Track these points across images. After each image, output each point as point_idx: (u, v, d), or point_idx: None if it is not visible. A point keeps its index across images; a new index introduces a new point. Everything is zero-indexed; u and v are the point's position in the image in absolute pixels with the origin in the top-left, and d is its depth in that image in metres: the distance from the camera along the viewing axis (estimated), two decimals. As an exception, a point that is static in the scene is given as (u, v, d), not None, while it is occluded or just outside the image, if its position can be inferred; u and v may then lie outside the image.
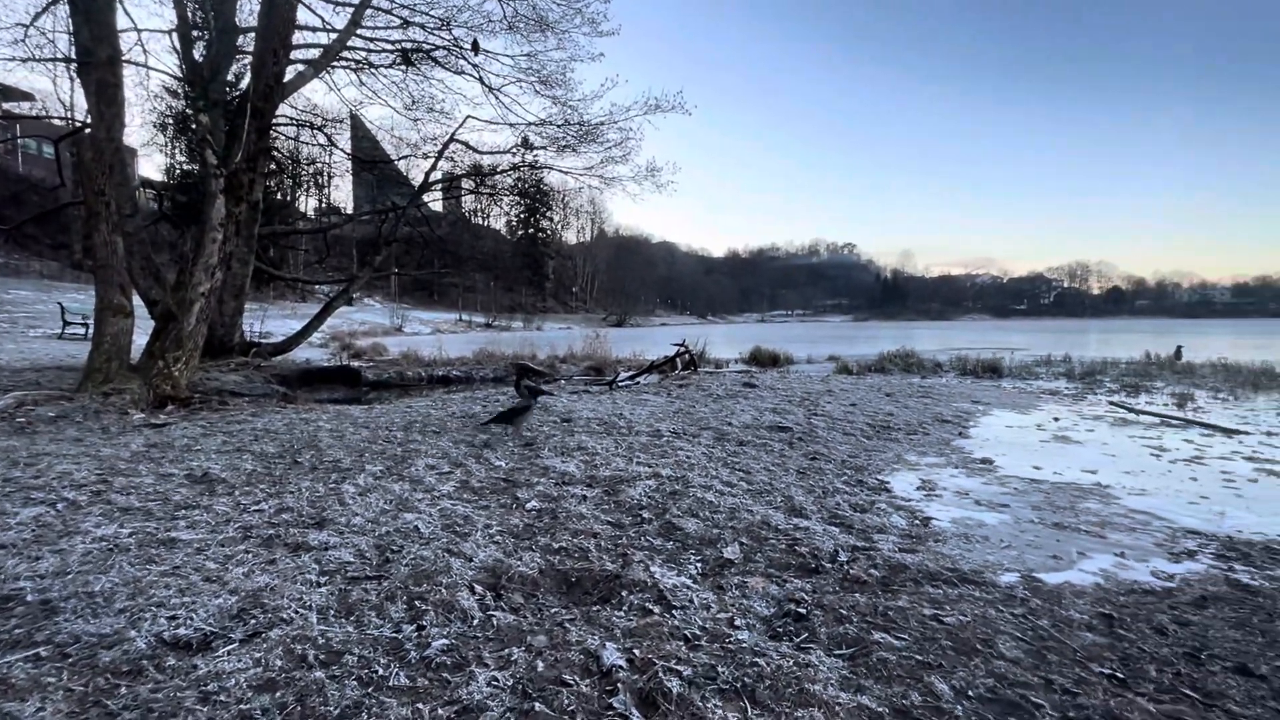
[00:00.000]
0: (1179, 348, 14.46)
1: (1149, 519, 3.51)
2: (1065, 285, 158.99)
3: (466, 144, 14.82)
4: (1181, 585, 2.63)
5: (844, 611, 2.36)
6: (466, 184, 18.85)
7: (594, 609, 2.38)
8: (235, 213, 7.85)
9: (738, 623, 2.28)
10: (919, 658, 2.03)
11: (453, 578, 2.55)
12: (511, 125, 14.40)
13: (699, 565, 2.81)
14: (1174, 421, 6.67)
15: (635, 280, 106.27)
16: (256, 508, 3.44)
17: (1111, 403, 8.03)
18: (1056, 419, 6.95)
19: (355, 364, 13.32)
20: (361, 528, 3.16)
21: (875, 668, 1.97)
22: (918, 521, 3.47)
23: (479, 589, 2.49)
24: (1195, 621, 2.31)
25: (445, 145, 14.24)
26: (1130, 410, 7.34)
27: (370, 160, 17.35)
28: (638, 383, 10.30)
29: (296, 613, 2.25)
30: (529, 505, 3.57)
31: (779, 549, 2.99)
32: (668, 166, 15.11)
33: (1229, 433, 6.05)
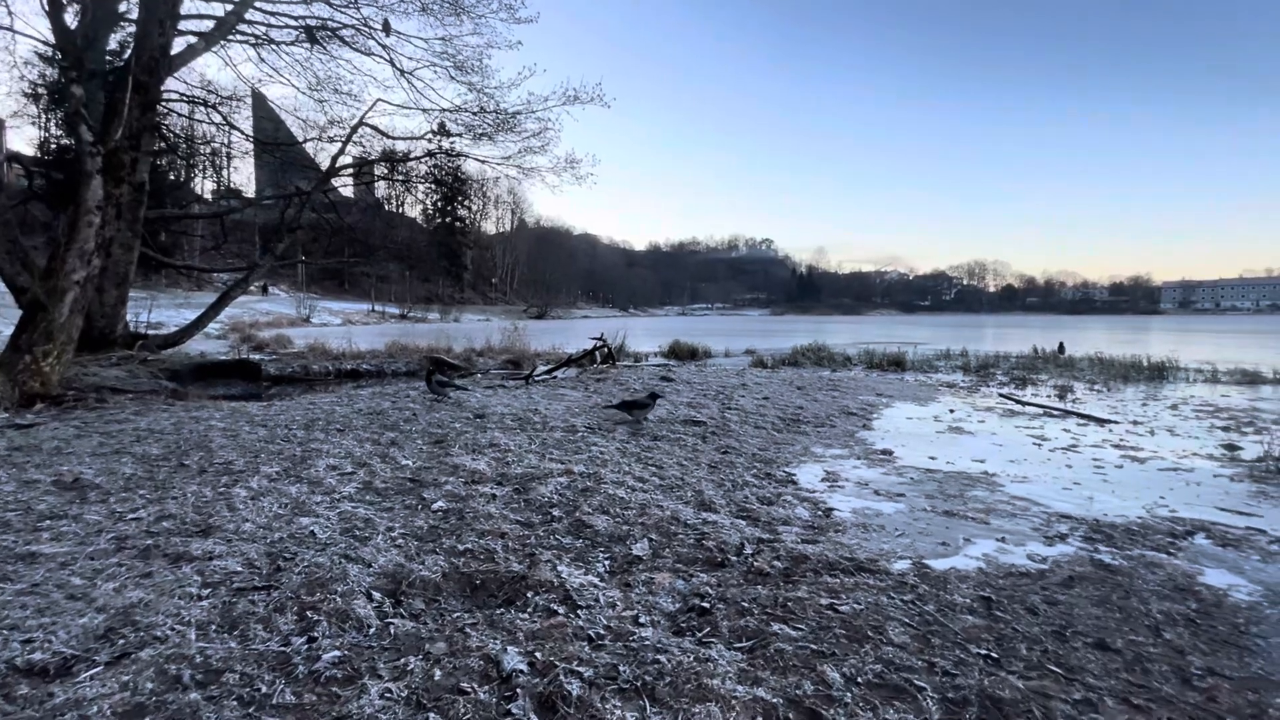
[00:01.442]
0: (1061, 343, 15.61)
1: (1028, 505, 3.77)
2: (965, 283, 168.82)
3: (377, 128, 14.25)
4: (1053, 567, 2.84)
5: (746, 604, 2.41)
6: (378, 170, 18.15)
7: (498, 612, 2.34)
8: (115, 194, 7.25)
9: (642, 620, 2.30)
10: (814, 647, 2.10)
11: (349, 585, 2.45)
12: (425, 111, 13.95)
13: (607, 563, 2.81)
14: (1055, 412, 7.20)
15: (557, 272, 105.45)
16: (134, 516, 3.20)
17: (1001, 394, 8.58)
18: (952, 410, 7.36)
19: (256, 357, 12.59)
20: (252, 534, 2.98)
21: (772, 659, 2.03)
22: (820, 512, 3.59)
23: (377, 596, 2.40)
24: (1063, 601, 2.50)
25: (354, 129, 13.63)
26: (1018, 402, 7.87)
27: (273, 143, 16.40)
28: (555, 377, 10.22)
29: (173, 630, 2.11)
30: (435, 506, 3.47)
31: (687, 544, 3.03)
32: (587, 158, 15.01)
33: (1101, 422, 6.59)
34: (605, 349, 12.35)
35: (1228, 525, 3.42)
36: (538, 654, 2.02)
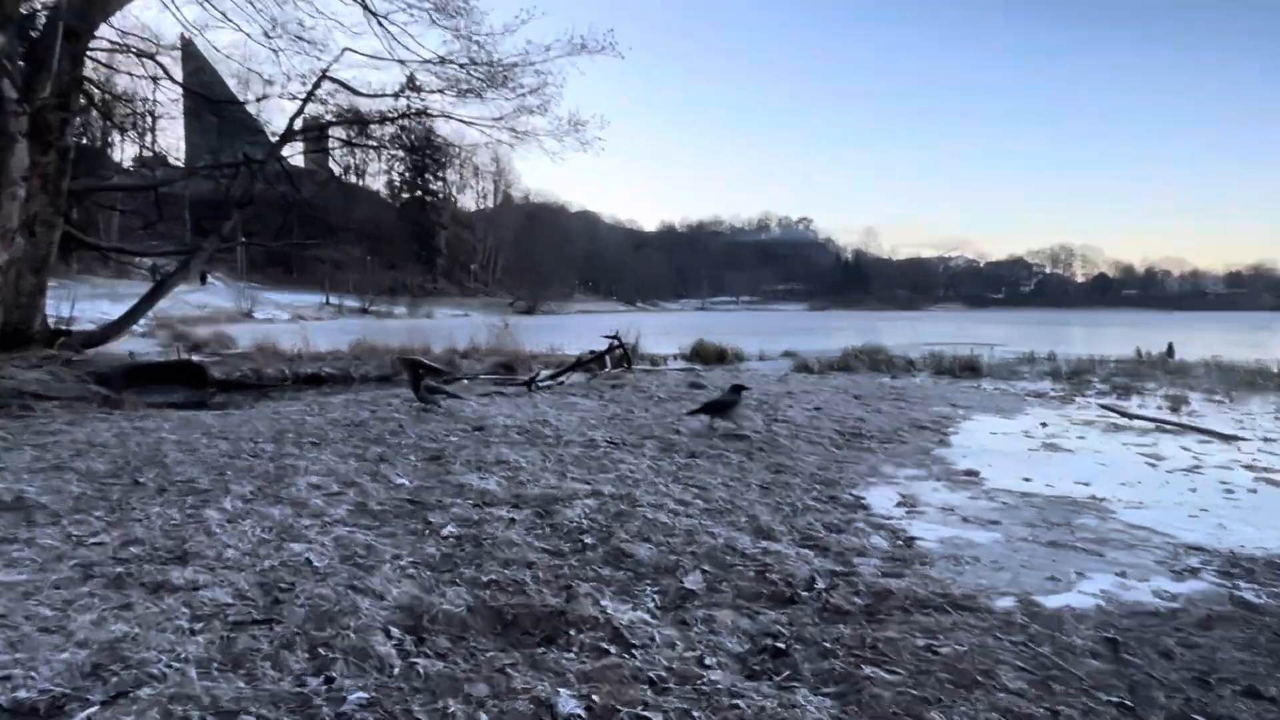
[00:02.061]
0: (1170, 345, 15.63)
1: (1149, 534, 3.85)
2: (1047, 271, 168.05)
3: (343, 83, 14.41)
4: (1186, 605, 2.92)
5: (827, 645, 2.50)
6: (340, 134, 18.31)
7: (538, 651, 2.44)
8: (42, 163, 7.42)
9: (708, 661, 2.39)
10: (916, 693, 2.19)
11: (362, 619, 2.56)
12: (402, 62, 14.10)
13: (657, 597, 2.92)
14: (1169, 427, 7.26)
15: (549, 257, 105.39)
16: (95, 540, 3.32)
17: (1103, 406, 8.65)
18: (1044, 424, 7.44)
19: (197, 359, 12.78)
20: (237, 562, 3.10)
21: (869, 705, 2.12)
22: (900, 542, 3.69)
23: (396, 632, 2.51)
24: (1202, 643, 2.58)
25: (316, 84, 13.82)
26: (1123, 414, 7.94)
27: (214, 99, 16.63)
28: (561, 383, 10.34)
29: (170, 667, 2.22)
30: (445, 531, 3.58)
31: (748, 577, 3.13)
32: (594, 120, 15.13)
33: (1226, 439, 6.65)
34: (620, 350, 12.47)
35: (1391, 559, 3.49)
36: (594, 697, 2.12)
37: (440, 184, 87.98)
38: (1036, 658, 2.43)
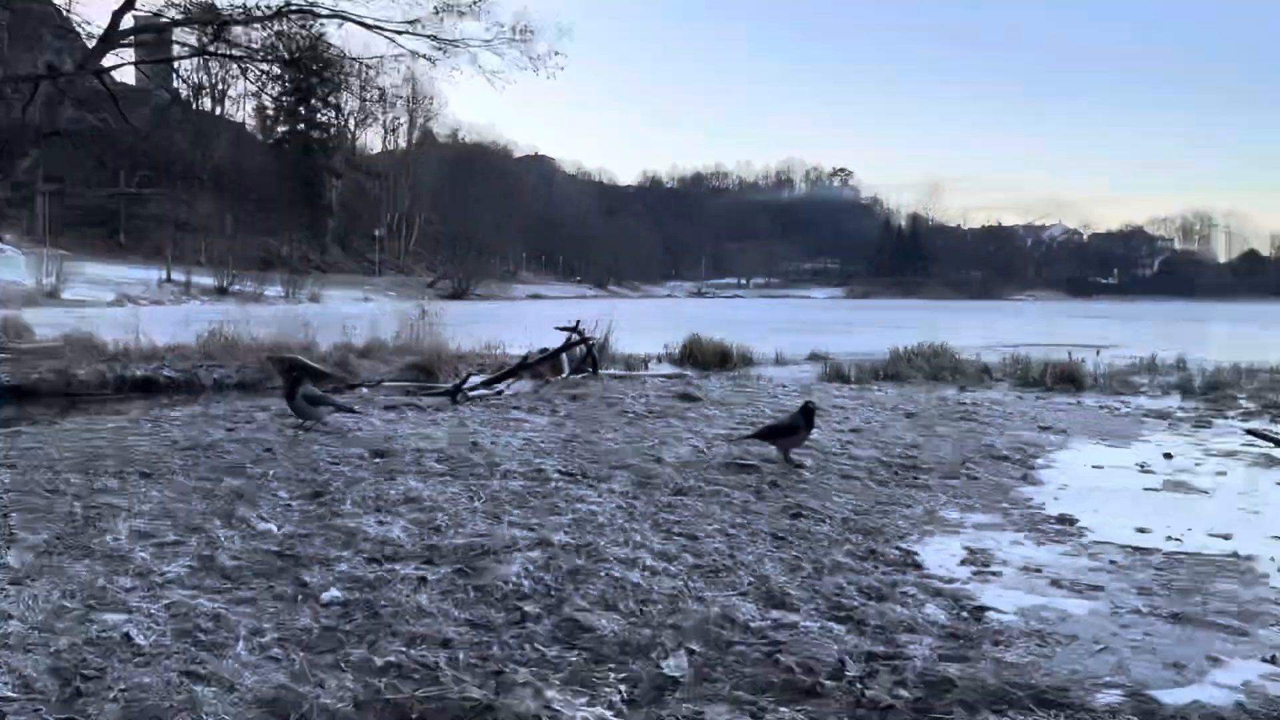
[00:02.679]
0: None
1: (1310, 606, 3.89)
2: (1177, 247, 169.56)
3: (192, -33, 14.31)
4: (1359, 702, 2.95)
5: (862, 754, 2.50)
6: (189, 38, 18.14)
7: (454, 763, 2.42)
8: None
9: (694, 780, 2.38)
10: (982, 821, 2.19)
11: (203, 719, 2.52)
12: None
13: (624, 689, 2.89)
14: (1341, 460, 7.35)
15: (486, 221, 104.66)
16: None
17: (1250, 431, 8.72)
18: (1169, 455, 7.50)
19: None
20: (22, 639, 3.05)
21: (916, 838, 2.12)
22: (965, 614, 3.69)
23: (252, 737, 2.48)
24: (1379, 754, 2.61)
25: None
26: (1279, 444, 8.02)
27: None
28: (499, 393, 10.31)
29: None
30: (326, 596, 3.55)
31: (751, 660, 3.12)
32: (549, 28, 15.09)
33: None
34: (584, 348, 12.46)
35: None
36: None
37: (332, 114, 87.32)
38: (1151, 772, 2.45)
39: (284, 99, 79.79)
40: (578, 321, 13.13)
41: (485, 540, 4.30)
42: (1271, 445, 8.00)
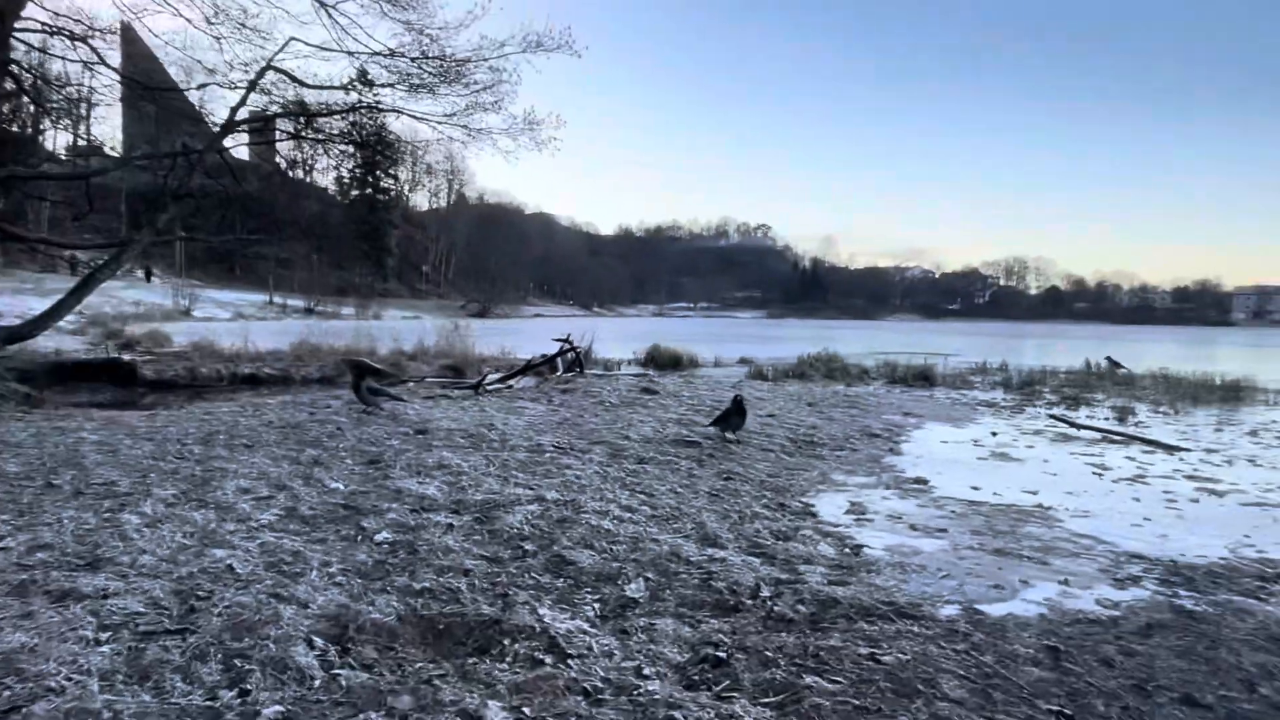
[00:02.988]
0: (1109, 358, 16.07)
1: (1093, 543, 3.92)
2: (1001, 283, 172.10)
3: (288, 74, 14.11)
4: (1127, 613, 2.97)
5: (769, 654, 2.48)
6: (286, 126, 17.93)
7: (470, 661, 2.38)
8: (-42, 146, 7.10)
9: (646, 671, 2.35)
10: (856, 702, 2.18)
11: (283, 629, 2.47)
12: (350, 54, 13.84)
13: (597, 606, 2.87)
14: (1116, 437, 7.44)
15: (503, 259, 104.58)
16: (-1, 545, 3.16)
17: (1052, 416, 8.83)
18: (994, 434, 7.57)
19: (128, 357, 12.37)
20: (154, 569, 2.98)
21: (808, 715, 2.10)
22: (848, 550, 3.70)
23: (319, 642, 2.42)
24: (1141, 651, 2.62)
25: (260, 73, 13.49)
26: (1071, 425, 8.12)
27: (157, 87, 16.14)
28: (510, 387, 10.23)
29: (69, 680, 2.11)
30: (379, 537, 3.49)
31: (691, 584, 3.10)
32: (550, 119, 15.04)
33: (1170, 449, 6.83)
34: (572, 354, 12.40)
35: (1324, 568, 3.60)
36: (525, 709, 2.07)
37: (391, 182, 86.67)
38: (978, 666, 2.44)
39: (356, 171, 79.38)
40: (567, 335, 13.10)
41: (497, 497, 4.25)
42: (1067, 425, 8.09)
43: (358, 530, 3.60)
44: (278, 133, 18.79)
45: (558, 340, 12.86)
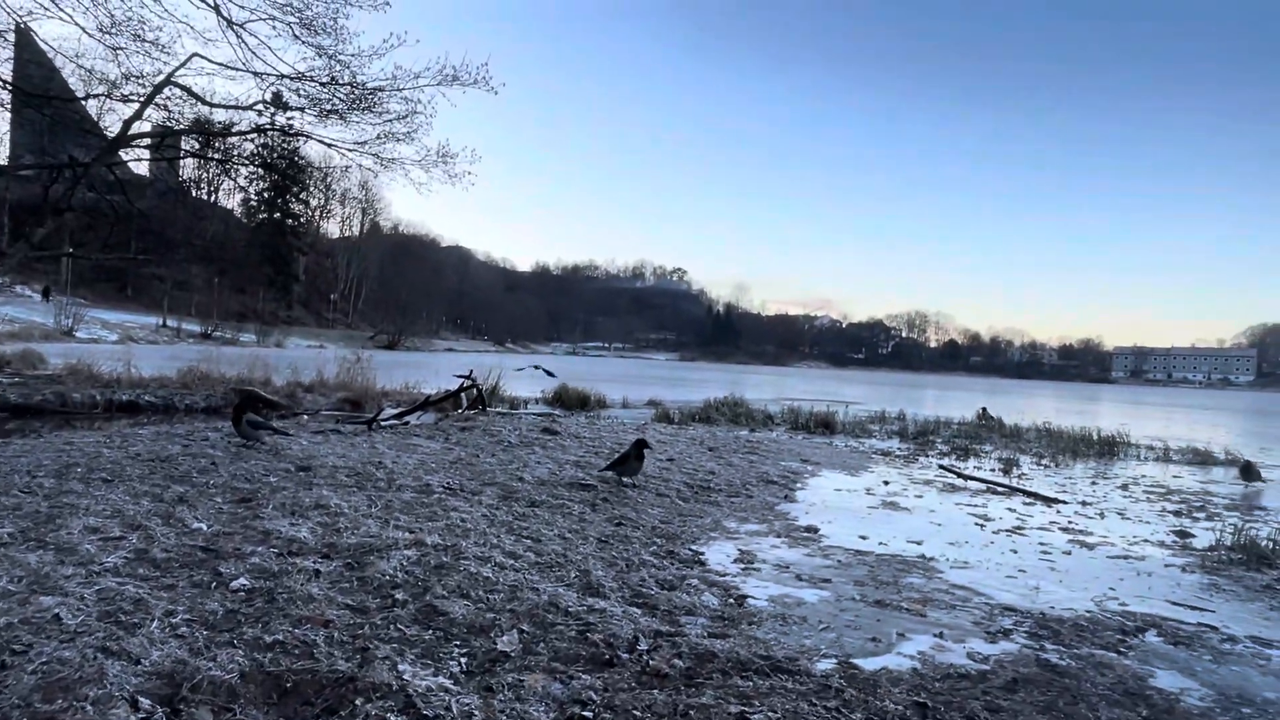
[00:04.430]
0: (984, 409, 16.83)
1: (969, 595, 3.98)
2: (904, 335, 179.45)
3: (189, 90, 13.63)
4: (995, 667, 3.00)
5: (638, 713, 2.39)
6: (188, 144, 17.25)
7: (314, 725, 2.20)
8: None
9: (506, 734, 2.23)
10: (719, 766, 2.10)
11: (106, 688, 2.24)
12: (258, 75, 13.50)
13: (464, 661, 2.72)
14: (999, 489, 7.70)
15: (417, 291, 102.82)
16: None
17: (942, 466, 9.11)
18: (886, 483, 7.73)
19: (-10, 379, 11.48)
20: (-35, 619, 2.67)
21: (668, 782, 2.01)
22: (732, 600, 3.65)
23: (146, 703, 2.20)
24: (1005, 706, 2.64)
25: (159, 88, 12.99)
26: (959, 475, 8.38)
27: (44, 95, 15.29)
28: (407, 423, 9.92)
29: None
30: (235, 584, 3.25)
31: (567, 637, 2.98)
32: (465, 153, 14.95)
33: (1049, 501, 7.11)
34: (475, 390, 12.15)
35: (1179, 621, 3.75)
36: (366, 779, 1.92)
37: (302, 207, 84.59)
38: (847, 725, 2.41)
39: (265, 194, 77.04)
40: (470, 371, 12.87)
41: (373, 540, 4.03)
42: (954, 476, 8.35)
43: (213, 576, 3.34)
44: (181, 150, 18.06)
45: (459, 376, 12.61)
